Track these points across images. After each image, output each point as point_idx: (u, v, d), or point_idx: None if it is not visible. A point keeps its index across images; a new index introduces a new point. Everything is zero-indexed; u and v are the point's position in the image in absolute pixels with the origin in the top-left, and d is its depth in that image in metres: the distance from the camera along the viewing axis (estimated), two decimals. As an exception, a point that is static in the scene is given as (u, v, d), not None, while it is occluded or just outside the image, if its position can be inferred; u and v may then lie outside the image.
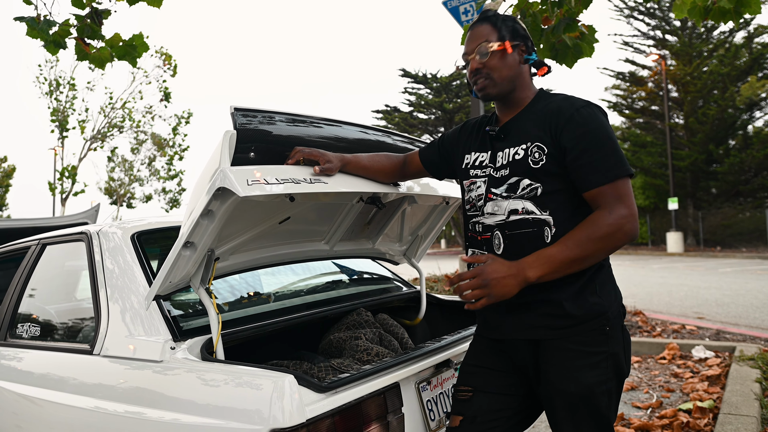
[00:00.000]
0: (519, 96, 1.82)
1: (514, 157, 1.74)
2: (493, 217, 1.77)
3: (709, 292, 10.33)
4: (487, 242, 1.80)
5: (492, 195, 1.79)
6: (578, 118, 1.66)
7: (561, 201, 1.69)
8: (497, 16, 1.83)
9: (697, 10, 3.39)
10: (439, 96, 29.74)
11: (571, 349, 1.67)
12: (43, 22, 3.27)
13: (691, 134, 26.60)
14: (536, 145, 1.70)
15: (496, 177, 1.79)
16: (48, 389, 2.13)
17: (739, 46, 25.63)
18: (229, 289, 2.56)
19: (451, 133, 2.06)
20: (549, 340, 1.69)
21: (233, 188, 1.58)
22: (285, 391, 1.51)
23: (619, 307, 1.75)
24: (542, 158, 1.69)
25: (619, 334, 1.72)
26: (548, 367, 1.70)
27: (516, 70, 1.79)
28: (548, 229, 1.68)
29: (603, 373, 1.66)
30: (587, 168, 1.63)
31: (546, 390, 1.72)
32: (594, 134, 1.64)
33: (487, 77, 1.77)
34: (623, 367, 1.73)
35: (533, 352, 1.74)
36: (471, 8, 6.30)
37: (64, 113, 20.54)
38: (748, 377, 4.30)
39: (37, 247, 2.72)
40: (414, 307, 2.97)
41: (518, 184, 1.72)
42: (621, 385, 1.74)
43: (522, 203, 1.71)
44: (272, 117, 1.86)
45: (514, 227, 1.72)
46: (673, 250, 23.71)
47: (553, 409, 1.72)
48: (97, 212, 5.67)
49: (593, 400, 1.66)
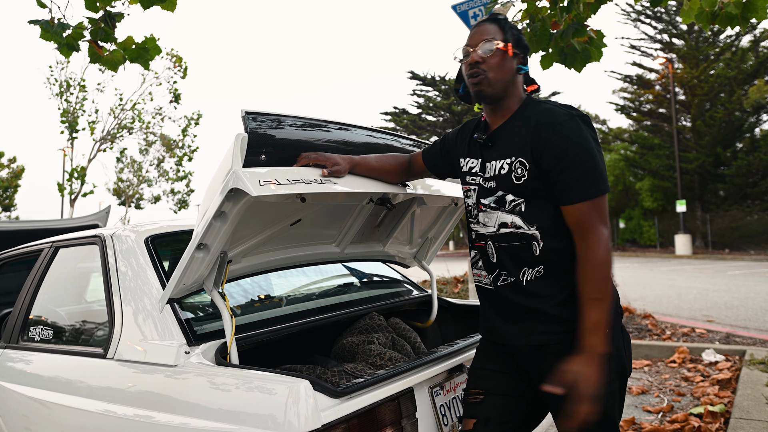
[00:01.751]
0: (508, 104, 1.82)
1: (500, 171, 1.77)
2: (486, 228, 1.81)
3: (718, 295, 10.29)
4: (482, 249, 1.85)
5: (482, 206, 1.82)
6: (561, 132, 1.66)
7: (546, 216, 1.71)
8: (506, 21, 1.84)
9: (704, 15, 3.42)
10: (448, 98, 29.77)
11: (570, 353, 1.66)
12: (57, 25, 3.28)
13: (699, 137, 26.58)
14: (519, 160, 1.72)
15: (486, 187, 1.81)
16: (59, 392, 2.13)
17: (746, 50, 25.67)
18: (242, 293, 2.56)
19: (452, 134, 2.07)
20: (550, 345, 1.71)
21: (246, 188, 1.58)
22: (301, 397, 1.51)
23: (616, 307, 1.76)
24: (524, 174, 1.71)
25: (618, 335, 1.73)
26: (550, 371, 1.70)
27: (511, 76, 1.79)
28: (536, 244, 1.71)
29: (605, 374, 1.66)
30: (567, 183, 1.65)
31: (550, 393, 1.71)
32: (574, 152, 1.64)
33: (484, 74, 1.77)
34: (625, 366, 1.74)
35: (535, 357, 1.75)
36: (480, 12, 6.30)
37: (74, 114, 20.61)
38: (758, 381, 4.30)
39: (50, 250, 2.73)
40: (425, 311, 2.97)
41: (504, 198, 1.75)
42: (624, 385, 1.76)
43: (511, 217, 1.74)
44: (282, 120, 1.87)
45: (504, 240, 1.76)
46: (681, 252, 23.64)
47: (559, 412, 1.71)
48: (107, 214, 5.68)
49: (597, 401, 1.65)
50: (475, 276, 1.91)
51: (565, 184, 1.65)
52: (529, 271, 1.73)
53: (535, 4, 3.60)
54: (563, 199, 1.67)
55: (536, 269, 1.72)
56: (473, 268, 1.91)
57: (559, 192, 1.67)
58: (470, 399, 1.87)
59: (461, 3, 6.55)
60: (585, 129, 1.68)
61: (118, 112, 21.47)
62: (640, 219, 29.19)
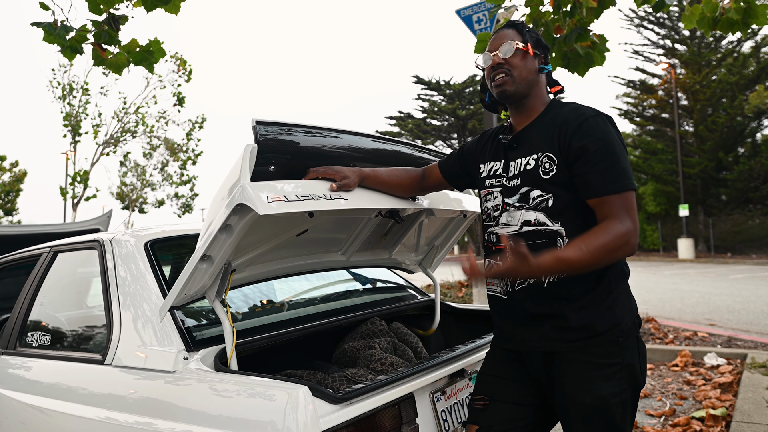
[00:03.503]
0: (533, 104, 1.82)
1: (525, 167, 1.75)
2: (507, 228, 1.78)
3: (720, 299, 10.28)
4: (501, 252, 1.80)
5: (506, 205, 1.79)
6: (586, 127, 1.67)
7: (572, 212, 1.69)
8: (524, 25, 1.87)
9: (705, 21, 3.44)
10: (452, 103, 29.82)
11: (585, 361, 1.67)
12: (60, 27, 3.26)
13: (701, 142, 26.66)
14: (546, 155, 1.71)
15: (509, 187, 1.79)
16: (57, 399, 2.11)
17: (747, 56, 25.91)
18: (243, 298, 2.55)
19: (471, 144, 2.07)
20: (563, 352, 1.69)
21: (253, 205, 1.56)
22: (299, 403, 1.50)
23: (633, 317, 1.75)
24: (552, 169, 1.69)
25: (634, 345, 1.71)
26: (563, 378, 1.70)
27: (534, 75, 1.81)
28: (560, 240, 1.68)
29: (617, 384, 1.66)
30: (595, 175, 1.63)
31: (561, 401, 1.72)
32: (602, 143, 1.64)
33: (507, 73, 1.78)
34: (638, 377, 1.71)
35: (547, 364, 1.74)
36: (484, 17, 6.32)
37: (76, 118, 20.60)
38: (759, 384, 4.31)
39: (48, 254, 2.71)
40: (428, 316, 2.96)
41: (529, 194, 1.73)
42: (637, 396, 1.73)
43: (534, 214, 1.72)
44: (292, 130, 1.85)
45: (528, 238, 1.72)
46: (684, 256, 23.64)
47: (568, 420, 1.71)
48: (109, 218, 5.65)
49: (608, 411, 1.65)
50: (489, 286, 1.88)
51: (594, 175, 1.63)
52: None
53: (539, 8, 3.61)
54: (590, 191, 1.64)
55: None
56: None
57: (586, 184, 1.64)
58: (475, 405, 1.87)
59: (465, 8, 6.58)
60: (610, 126, 1.69)
61: (121, 116, 21.46)
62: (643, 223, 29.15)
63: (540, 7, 3.61)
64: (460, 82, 29.58)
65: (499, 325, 1.88)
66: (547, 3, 3.58)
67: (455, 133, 30.00)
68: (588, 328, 1.66)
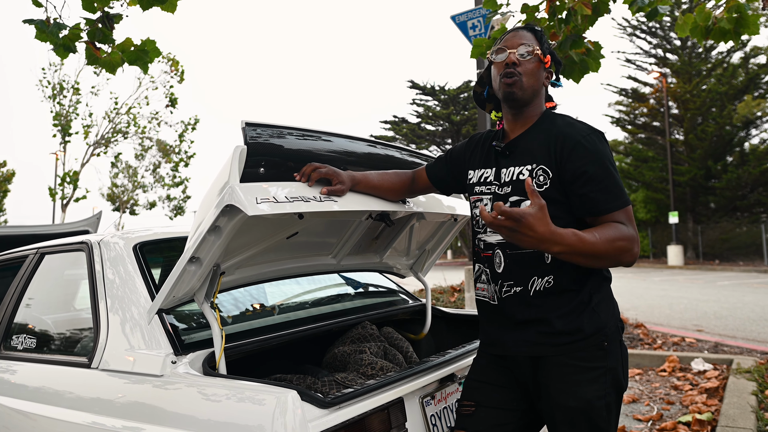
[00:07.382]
0: (531, 112, 1.82)
1: (518, 177, 1.75)
2: (495, 236, 1.79)
3: (708, 305, 10.39)
4: (488, 260, 1.83)
5: None
6: (585, 144, 1.68)
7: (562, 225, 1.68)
8: (543, 33, 1.86)
9: (698, 30, 3.49)
10: (447, 108, 29.92)
11: (570, 365, 1.68)
12: (53, 25, 3.22)
13: (691, 150, 26.94)
14: (541, 167, 1.71)
15: (500, 194, 1.79)
16: (43, 403, 2.08)
17: (736, 66, 26.31)
18: (233, 301, 2.52)
19: (458, 148, 2.06)
20: (549, 356, 1.71)
21: (242, 206, 1.55)
22: (288, 407, 1.48)
23: (617, 322, 1.77)
24: (546, 182, 1.70)
25: (617, 349, 1.73)
26: (548, 382, 1.71)
27: (541, 86, 1.82)
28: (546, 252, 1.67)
29: (602, 387, 1.68)
30: (599, 194, 1.64)
31: (546, 405, 1.73)
32: (602, 164, 1.66)
33: (519, 76, 1.76)
34: (621, 381, 1.74)
35: (534, 368, 1.75)
36: (479, 23, 6.34)
37: (67, 117, 20.43)
38: (744, 390, 4.37)
39: (35, 256, 2.66)
40: (419, 320, 2.95)
41: (519, 204, 1.72)
42: (620, 399, 1.76)
43: None
44: (282, 132, 1.84)
45: (515, 247, 1.73)
46: (673, 263, 23.80)
47: (554, 424, 1.73)
48: (98, 220, 5.60)
49: (592, 414, 1.67)
50: (478, 291, 1.89)
51: (598, 193, 1.64)
52: (537, 281, 1.71)
53: (534, 15, 3.63)
54: (596, 209, 1.65)
55: (546, 279, 1.70)
56: (477, 282, 1.89)
57: (591, 202, 1.65)
58: (462, 410, 1.88)
59: (460, 14, 6.61)
60: (605, 144, 1.72)
61: (113, 116, 21.31)
62: (633, 230, 29.33)
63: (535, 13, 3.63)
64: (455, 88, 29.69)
65: (486, 331, 1.88)
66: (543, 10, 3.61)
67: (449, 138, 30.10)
68: (574, 332, 1.68)
